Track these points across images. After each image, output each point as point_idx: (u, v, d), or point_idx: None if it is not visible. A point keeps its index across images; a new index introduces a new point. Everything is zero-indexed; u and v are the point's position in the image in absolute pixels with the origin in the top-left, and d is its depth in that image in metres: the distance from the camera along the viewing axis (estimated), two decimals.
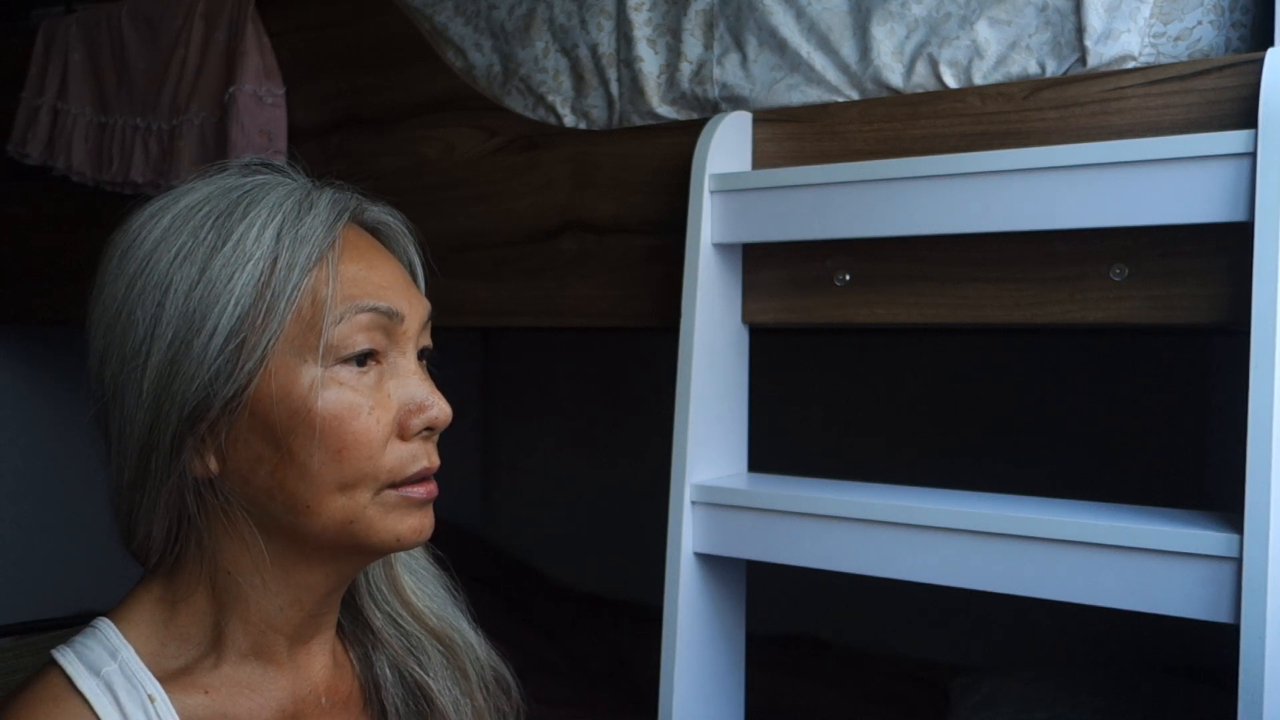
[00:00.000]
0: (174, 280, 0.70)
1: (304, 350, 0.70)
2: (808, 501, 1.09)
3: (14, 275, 2.05)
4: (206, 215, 0.72)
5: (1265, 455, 0.87)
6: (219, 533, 0.73)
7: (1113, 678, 1.68)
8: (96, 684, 0.70)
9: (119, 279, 0.73)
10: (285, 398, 0.70)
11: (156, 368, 0.69)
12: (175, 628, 0.74)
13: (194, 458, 0.71)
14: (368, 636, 0.84)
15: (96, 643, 0.73)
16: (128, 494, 0.73)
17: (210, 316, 0.69)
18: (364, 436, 0.71)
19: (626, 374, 2.78)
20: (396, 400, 0.73)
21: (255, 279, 0.69)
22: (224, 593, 0.74)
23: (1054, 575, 0.97)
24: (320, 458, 0.70)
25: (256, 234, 0.70)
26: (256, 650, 0.75)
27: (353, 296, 0.72)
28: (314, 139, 1.65)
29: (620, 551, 2.50)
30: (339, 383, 0.71)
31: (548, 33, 1.42)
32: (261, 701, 0.75)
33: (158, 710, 0.70)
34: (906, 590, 1.13)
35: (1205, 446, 2.01)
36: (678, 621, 1.14)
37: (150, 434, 0.70)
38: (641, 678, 1.94)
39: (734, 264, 1.23)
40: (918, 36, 1.18)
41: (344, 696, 0.81)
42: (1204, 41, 1.06)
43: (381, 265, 0.76)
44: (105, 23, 1.82)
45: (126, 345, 0.71)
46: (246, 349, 0.69)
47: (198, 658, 0.74)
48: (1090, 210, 0.99)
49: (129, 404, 0.71)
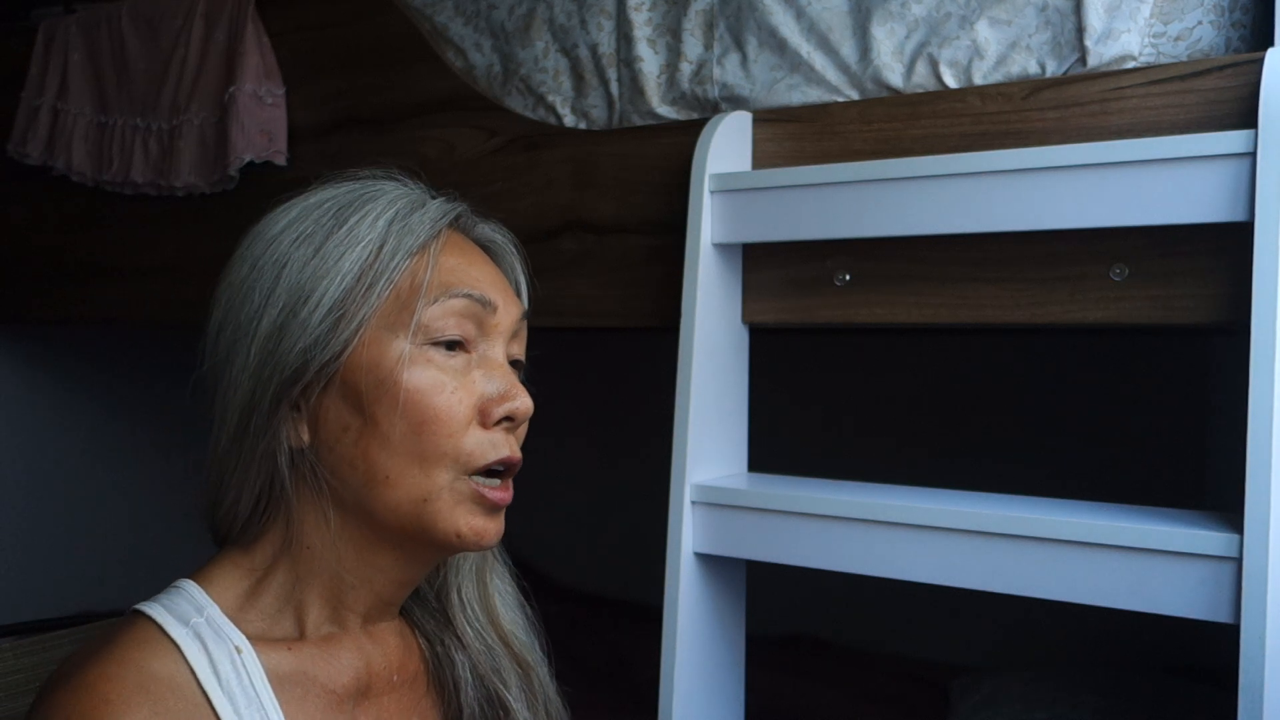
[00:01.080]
0: (291, 257, 0.76)
1: (397, 326, 0.76)
2: (808, 501, 1.09)
3: (14, 275, 2.05)
4: (329, 207, 0.79)
5: (1265, 455, 0.87)
6: (302, 506, 0.77)
7: (1113, 678, 1.68)
8: (186, 632, 0.72)
9: (246, 259, 0.79)
10: (375, 367, 0.75)
11: (265, 332, 0.75)
12: (256, 597, 0.77)
13: (289, 426, 0.76)
14: (450, 637, 0.86)
15: (183, 599, 0.75)
16: (221, 459, 0.77)
17: (318, 289, 0.75)
18: (445, 413, 0.75)
19: (626, 374, 2.78)
20: (480, 388, 0.77)
21: (362, 259, 0.75)
22: (303, 566, 0.78)
23: (1054, 575, 0.97)
24: (401, 428, 0.74)
25: (370, 222, 0.77)
26: (333, 621, 0.79)
27: (448, 284, 0.77)
28: (314, 139, 1.65)
29: (620, 551, 2.50)
30: (427, 360, 0.76)
31: (548, 33, 1.42)
32: (340, 666, 0.78)
33: (244, 661, 0.73)
34: (906, 590, 1.13)
35: (1205, 446, 2.01)
36: (678, 621, 1.14)
37: (252, 395, 0.75)
38: (641, 678, 1.94)
39: (734, 264, 1.23)
40: (918, 36, 1.18)
41: (410, 675, 0.84)
42: (1204, 41, 1.06)
43: (481, 264, 0.81)
44: (105, 23, 1.82)
45: (242, 314, 0.76)
46: (346, 319, 0.74)
47: (277, 625, 0.77)
48: (1090, 210, 0.99)
49: (236, 367, 0.76)
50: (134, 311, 1.89)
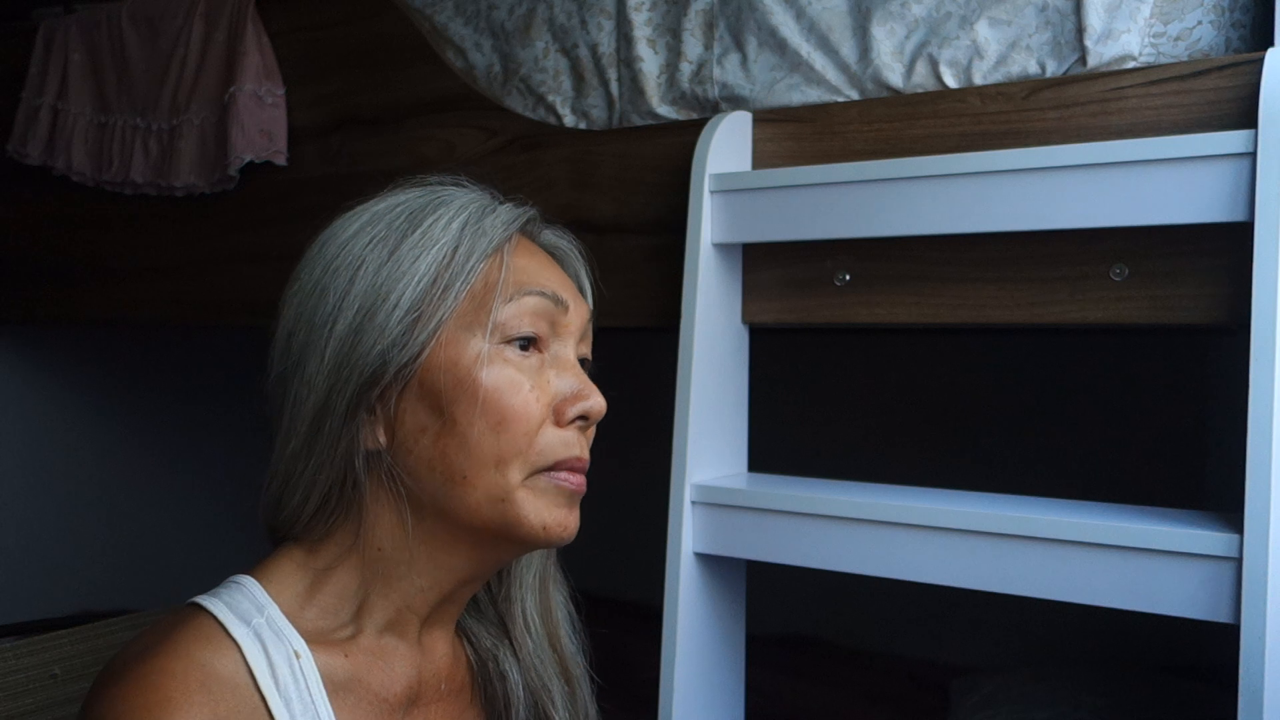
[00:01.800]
0: (366, 259, 0.76)
1: (474, 326, 0.76)
2: (808, 501, 1.09)
3: (14, 275, 2.05)
4: (401, 211, 0.79)
5: (1265, 455, 0.87)
6: (376, 507, 0.77)
7: (1113, 678, 1.68)
8: (248, 632, 0.72)
9: (318, 262, 0.79)
10: (453, 368, 0.75)
11: (341, 335, 0.75)
12: (317, 596, 0.77)
13: (366, 428, 0.76)
14: (504, 649, 0.87)
15: (243, 596, 0.75)
16: (290, 461, 0.77)
17: (395, 291, 0.75)
18: (522, 411, 0.75)
19: (626, 374, 2.78)
20: (554, 387, 0.78)
21: (437, 262, 0.76)
22: (370, 567, 0.77)
23: (1054, 575, 0.97)
24: (480, 427, 0.75)
25: (444, 226, 0.78)
26: (391, 627, 0.79)
27: (522, 283, 0.78)
28: (314, 139, 1.65)
29: (620, 551, 2.50)
30: (504, 360, 0.76)
31: (548, 33, 1.42)
32: (393, 674, 0.78)
33: (302, 667, 0.72)
34: (906, 590, 1.13)
35: (1205, 446, 2.01)
36: (678, 621, 1.14)
37: (327, 398, 0.75)
38: (641, 678, 1.94)
39: (734, 264, 1.23)
40: (918, 36, 1.18)
41: (458, 686, 0.84)
42: (1204, 41, 1.06)
43: (551, 267, 0.83)
44: (105, 23, 1.82)
45: (317, 315, 0.76)
46: (423, 321, 0.75)
47: (336, 626, 0.77)
48: (1090, 210, 0.99)
49: (310, 369, 0.76)
50: (134, 311, 1.89)
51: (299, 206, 1.63)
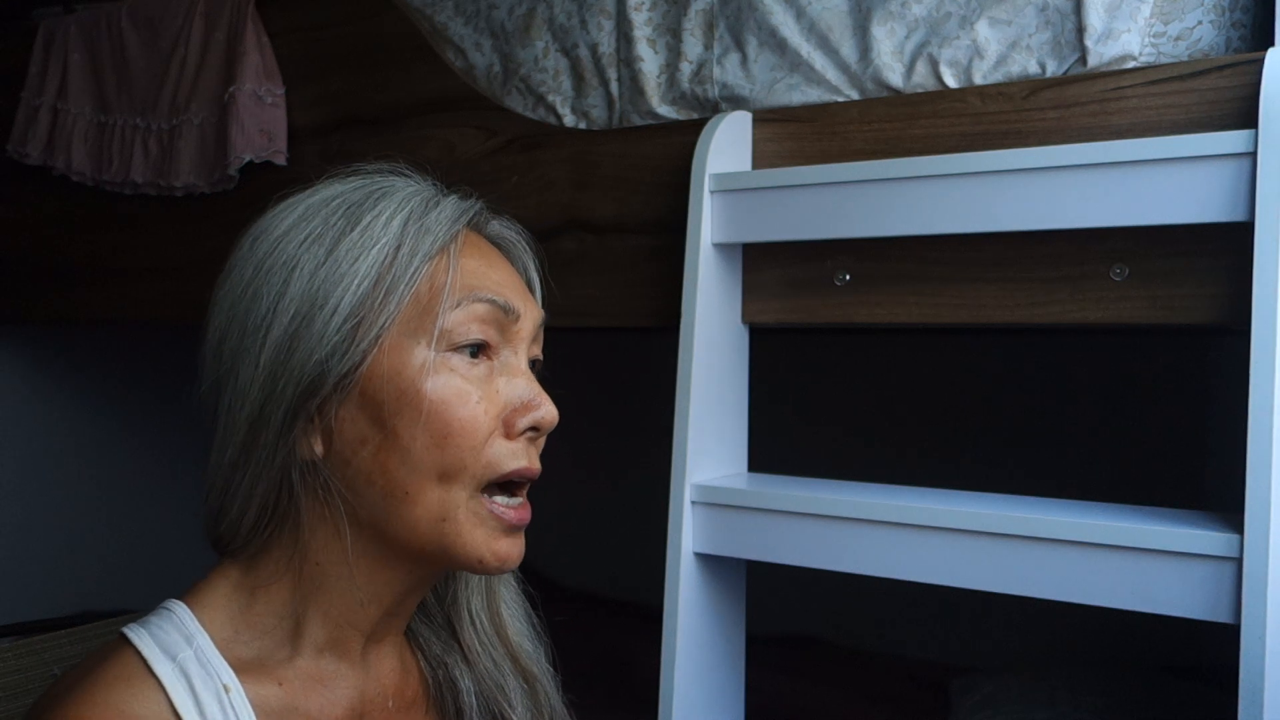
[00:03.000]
0: (301, 260, 0.72)
1: (418, 333, 0.72)
2: (808, 501, 1.09)
3: (14, 275, 2.05)
4: (339, 205, 0.74)
5: (1265, 455, 0.87)
6: (313, 521, 0.73)
7: (1113, 677, 1.68)
8: (173, 669, 0.68)
9: (249, 261, 0.74)
10: (396, 377, 0.71)
11: (276, 342, 0.70)
12: (252, 616, 0.74)
13: (302, 438, 0.71)
14: (454, 654, 0.84)
15: (172, 626, 0.71)
16: (226, 473, 0.73)
17: (333, 295, 0.70)
18: (469, 424, 0.71)
19: (626, 374, 2.78)
20: (504, 396, 0.74)
21: (378, 263, 0.71)
22: (308, 583, 0.74)
23: (1054, 575, 0.97)
24: (423, 441, 0.70)
25: (384, 223, 0.73)
26: (332, 645, 0.75)
27: (470, 287, 0.73)
28: (314, 139, 1.65)
29: (620, 551, 2.50)
30: (450, 369, 0.72)
31: (548, 33, 1.42)
32: (333, 698, 0.74)
33: (232, 701, 0.69)
34: (906, 590, 1.13)
35: (1205, 446, 2.01)
36: (678, 621, 1.14)
37: (263, 409, 0.71)
38: (641, 678, 1.94)
39: (734, 264, 1.23)
40: (918, 36, 1.18)
41: (409, 700, 0.81)
42: (1204, 41, 1.06)
43: (500, 266, 0.78)
44: (105, 23, 1.82)
45: (249, 321, 0.72)
46: (364, 327, 0.70)
47: (272, 648, 0.73)
48: (1090, 210, 0.99)
49: (244, 378, 0.71)
50: (134, 311, 1.89)
51: None
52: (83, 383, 2.55)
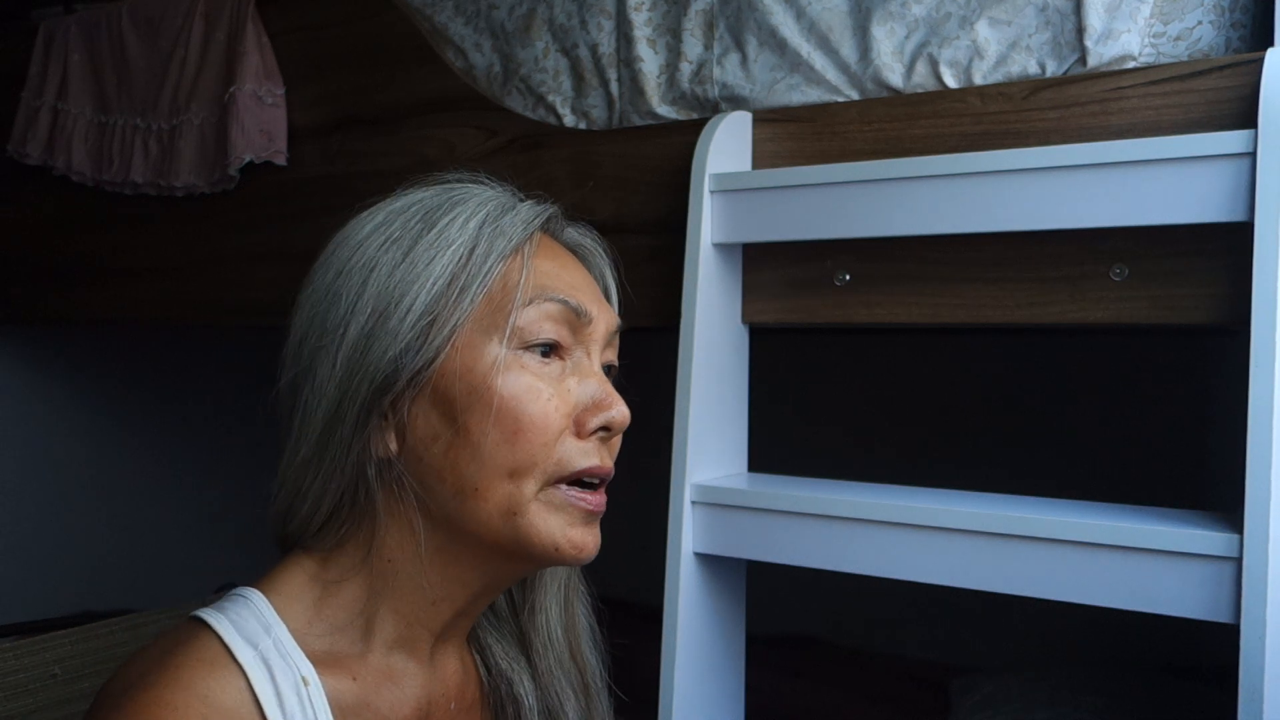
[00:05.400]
0: (379, 261, 0.73)
1: (491, 330, 0.73)
2: (808, 501, 1.09)
3: (14, 275, 2.05)
4: (417, 210, 0.76)
5: (1265, 455, 0.87)
6: (386, 518, 0.74)
7: (1113, 677, 1.68)
8: (254, 656, 0.69)
9: (330, 265, 0.76)
10: (468, 374, 0.72)
11: (353, 340, 0.72)
12: (326, 610, 0.74)
13: (376, 435, 0.72)
14: (520, 666, 0.84)
15: (250, 614, 0.72)
16: (300, 470, 0.74)
17: (408, 294, 0.72)
18: (540, 421, 0.72)
19: (626, 374, 2.78)
20: (576, 396, 0.74)
21: (453, 263, 0.72)
22: (380, 580, 0.74)
23: (1054, 575, 0.97)
24: (494, 437, 0.71)
25: (460, 225, 0.74)
26: (402, 643, 0.76)
27: (543, 287, 0.74)
28: (314, 139, 1.65)
29: (620, 551, 2.49)
30: (521, 366, 0.73)
31: (548, 33, 1.42)
32: (402, 696, 0.75)
33: (310, 694, 0.69)
34: (906, 590, 1.13)
35: (1205, 446, 2.01)
36: (678, 621, 1.14)
37: (339, 405, 0.72)
38: (641, 678, 1.94)
39: (734, 264, 1.23)
40: (918, 36, 1.18)
41: (469, 703, 0.81)
42: (1204, 41, 1.06)
43: (574, 270, 0.78)
44: (105, 23, 1.82)
45: (328, 320, 0.73)
46: (437, 325, 0.71)
47: (345, 643, 0.74)
48: (1090, 210, 0.99)
49: (321, 375, 0.73)
50: (134, 311, 1.89)
51: (299, 206, 1.63)
52: (83, 383, 2.55)
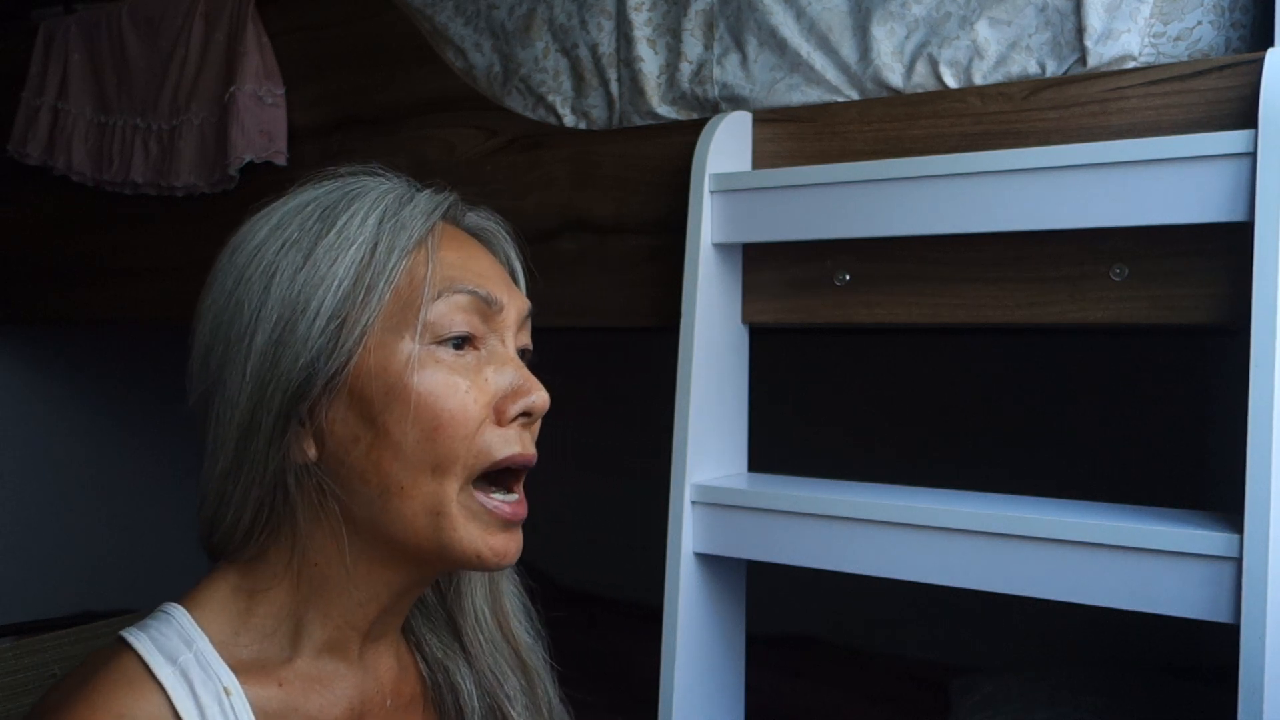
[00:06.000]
0: (280, 266, 0.72)
1: (402, 328, 0.72)
2: (808, 501, 1.09)
3: (14, 275, 2.05)
4: (313, 210, 0.75)
5: (1265, 455, 0.87)
6: (309, 524, 0.73)
7: (1113, 677, 1.68)
8: (173, 672, 0.68)
9: (229, 272, 0.75)
10: (382, 373, 0.71)
11: (260, 349, 0.71)
12: (251, 619, 0.74)
13: (294, 442, 0.71)
14: (456, 653, 0.84)
15: (171, 629, 0.71)
16: (219, 482, 0.73)
17: (314, 298, 0.70)
18: (460, 415, 0.71)
19: (626, 374, 2.78)
20: (494, 385, 0.74)
21: (356, 261, 0.71)
22: (307, 585, 0.74)
23: (1054, 575, 0.97)
24: (414, 435, 0.70)
25: (360, 222, 0.73)
26: (330, 646, 0.75)
27: (450, 279, 0.73)
28: (314, 139, 1.65)
29: (620, 551, 2.50)
30: (436, 361, 0.72)
31: (548, 33, 1.42)
32: (332, 698, 0.74)
33: (233, 704, 0.69)
34: (906, 590, 1.13)
35: (1205, 446, 2.01)
36: (678, 621, 1.14)
37: (252, 416, 0.71)
38: (641, 678, 1.94)
39: (734, 264, 1.23)
40: (918, 36, 1.18)
41: (407, 699, 0.81)
42: (1204, 41, 1.06)
43: (480, 257, 0.77)
44: (105, 23, 1.82)
45: (232, 330, 0.72)
46: (347, 327, 0.70)
47: (271, 650, 0.74)
48: (1090, 210, 0.99)
49: (231, 387, 0.71)
50: (134, 311, 1.89)
51: None
52: (83, 383, 2.55)
